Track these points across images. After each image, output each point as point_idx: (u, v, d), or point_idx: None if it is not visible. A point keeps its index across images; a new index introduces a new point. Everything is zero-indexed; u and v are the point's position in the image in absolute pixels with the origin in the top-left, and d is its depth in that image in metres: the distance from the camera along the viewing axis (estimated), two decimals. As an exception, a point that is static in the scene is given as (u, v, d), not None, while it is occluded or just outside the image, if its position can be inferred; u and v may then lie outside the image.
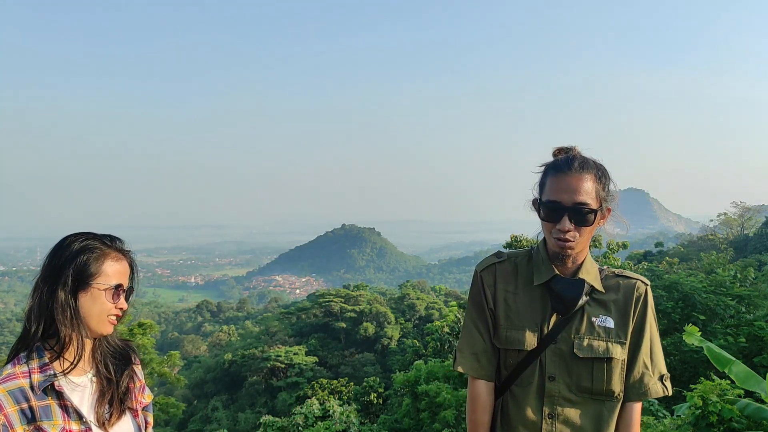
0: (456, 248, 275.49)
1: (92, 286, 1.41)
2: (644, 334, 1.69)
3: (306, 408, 14.48)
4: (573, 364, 1.64)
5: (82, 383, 1.45)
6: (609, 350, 1.64)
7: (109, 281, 1.44)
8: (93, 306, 1.42)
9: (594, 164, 1.63)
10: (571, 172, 1.59)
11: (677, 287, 12.26)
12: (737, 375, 3.88)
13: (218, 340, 55.35)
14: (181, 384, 27.85)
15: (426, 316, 44.89)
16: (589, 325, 1.66)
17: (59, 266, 1.41)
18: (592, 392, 1.64)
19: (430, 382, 15.59)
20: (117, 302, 1.46)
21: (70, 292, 1.40)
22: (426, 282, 75.97)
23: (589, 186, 1.58)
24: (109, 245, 1.48)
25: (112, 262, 1.46)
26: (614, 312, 1.68)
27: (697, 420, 4.85)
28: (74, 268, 1.40)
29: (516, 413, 1.67)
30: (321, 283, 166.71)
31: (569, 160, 1.62)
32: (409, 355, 30.75)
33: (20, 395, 1.32)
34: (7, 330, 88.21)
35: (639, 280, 1.72)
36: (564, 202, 1.58)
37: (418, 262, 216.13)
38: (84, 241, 1.45)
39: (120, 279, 1.47)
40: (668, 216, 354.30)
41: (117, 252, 1.49)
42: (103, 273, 1.43)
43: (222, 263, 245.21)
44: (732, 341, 10.42)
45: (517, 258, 1.78)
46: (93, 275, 1.42)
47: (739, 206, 50.33)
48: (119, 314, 1.48)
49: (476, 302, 1.77)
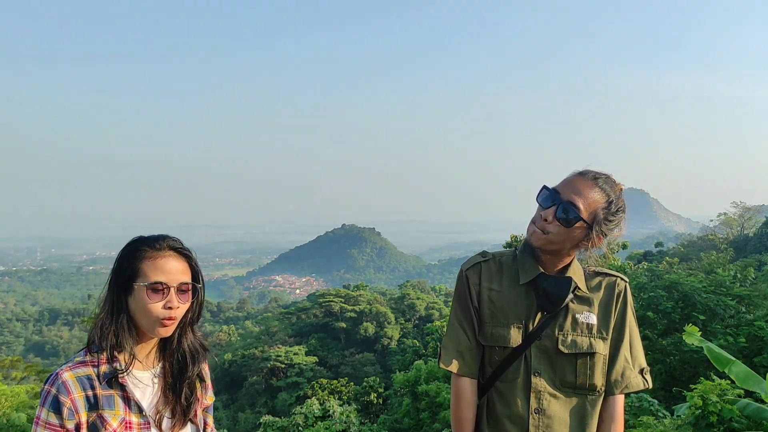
0: (456, 248, 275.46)
1: (134, 287, 1.42)
2: (625, 330, 1.74)
3: (306, 408, 14.48)
4: (557, 359, 1.68)
5: (144, 379, 1.48)
6: (592, 345, 1.69)
7: (146, 279, 1.41)
8: (137, 306, 1.42)
9: (614, 193, 1.67)
10: (584, 177, 1.65)
11: (677, 287, 12.25)
12: (737, 375, 3.88)
13: (218, 340, 55.35)
14: (181, 384, 27.88)
15: (426, 316, 44.91)
16: (573, 322, 1.70)
17: (113, 270, 1.46)
18: (576, 387, 1.69)
19: (430, 382, 15.60)
20: (158, 300, 1.41)
21: (119, 293, 1.43)
22: (426, 282, 76.04)
23: (590, 197, 1.62)
24: (151, 244, 1.46)
25: (151, 261, 1.43)
26: (597, 308, 1.73)
27: (697, 420, 4.85)
28: (120, 270, 1.43)
29: (502, 409, 1.70)
30: (321, 283, 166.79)
31: (591, 171, 1.67)
32: (409, 355, 30.75)
33: (87, 382, 1.37)
34: (7, 330, 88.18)
35: (618, 277, 1.78)
36: (561, 194, 1.62)
37: (418, 262, 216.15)
38: (132, 245, 1.46)
39: (160, 276, 1.42)
40: (668, 216, 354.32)
41: (159, 251, 1.45)
42: (141, 272, 1.42)
43: (222, 263, 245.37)
44: (732, 341, 10.43)
45: (502, 257, 1.82)
46: (133, 276, 1.42)
47: (739, 206, 50.31)
48: (172, 314, 1.43)
49: (461, 300, 1.80)
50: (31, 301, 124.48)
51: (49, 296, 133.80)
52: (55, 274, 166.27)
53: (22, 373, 24.88)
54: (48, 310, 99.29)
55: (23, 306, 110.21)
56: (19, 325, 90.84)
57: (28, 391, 17.58)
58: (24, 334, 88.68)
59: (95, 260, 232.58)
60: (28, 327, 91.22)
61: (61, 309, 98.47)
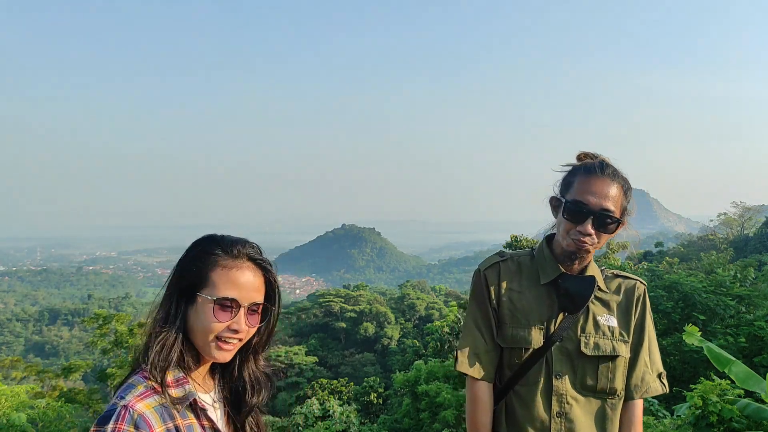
0: (456, 248, 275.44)
1: (198, 298, 1.18)
2: (644, 334, 1.73)
3: (306, 408, 14.48)
4: (579, 362, 1.66)
5: (209, 403, 1.25)
6: (615, 349, 1.67)
7: (214, 293, 1.17)
8: (196, 321, 1.18)
9: (624, 177, 1.66)
10: (603, 177, 1.61)
11: (677, 287, 12.26)
12: (737, 375, 3.88)
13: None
14: (181, 384, 27.86)
15: (426, 316, 44.91)
16: (595, 324, 1.68)
17: (177, 274, 1.21)
18: (596, 390, 1.66)
19: (430, 382, 15.59)
20: (224, 320, 1.17)
21: (181, 303, 1.19)
22: (426, 282, 75.97)
23: (615, 195, 1.61)
24: (228, 249, 1.21)
25: (224, 271, 1.19)
26: (617, 311, 1.71)
27: (697, 420, 4.85)
28: (186, 277, 1.19)
29: (523, 413, 1.67)
30: (321, 283, 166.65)
31: (602, 165, 1.64)
32: (409, 355, 30.74)
33: (165, 413, 1.12)
34: (6, 330, 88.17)
35: (638, 281, 1.76)
36: (591, 205, 1.58)
37: (418, 262, 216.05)
38: (202, 245, 1.23)
39: (233, 292, 1.18)
40: (668, 216, 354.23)
41: (236, 260, 1.21)
42: (210, 283, 1.17)
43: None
44: (732, 341, 10.43)
45: (519, 257, 1.78)
46: (199, 285, 1.18)
47: (739, 206, 50.30)
48: (236, 337, 1.19)
49: (479, 301, 1.75)
50: (31, 301, 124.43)
51: (49, 296, 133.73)
52: (55, 274, 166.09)
53: (22, 373, 24.91)
54: (48, 310, 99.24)
55: (23, 306, 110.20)
56: (19, 325, 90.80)
57: (28, 391, 17.59)
58: (24, 334, 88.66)
59: (95, 260, 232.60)
60: (28, 327, 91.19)
61: (61, 309, 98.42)
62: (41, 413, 14.81)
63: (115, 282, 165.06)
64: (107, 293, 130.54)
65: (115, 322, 24.48)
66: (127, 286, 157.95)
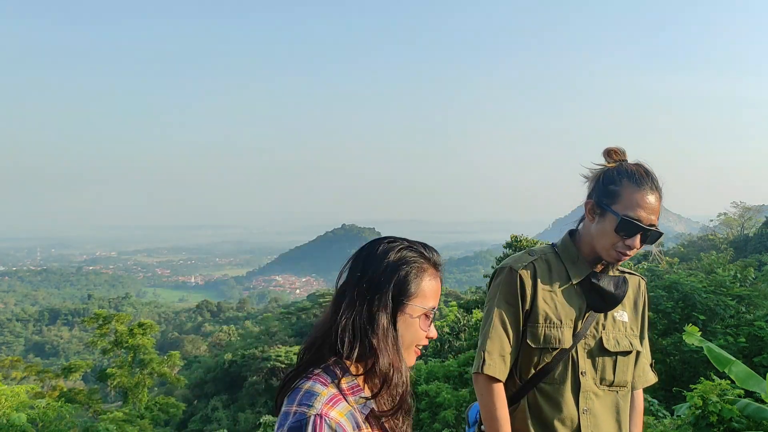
0: (456, 248, 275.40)
1: (407, 309, 1.15)
2: (645, 327, 1.82)
3: (306, 408, 14.48)
4: (599, 358, 1.70)
5: None
6: (633, 344, 1.73)
7: (426, 303, 1.17)
8: (406, 332, 1.16)
9: (660, 187, 1.66)
10: (653, 191, 1.61)
11: (677, 287, 12.26)
12: (737, 375, 3.88)
13: (218, 340, 55.36)
14: (181, 384, 27.95)
15: (426, 316, 44.91)
16: (612, 320, 1.72)
17: (377, 280, 1.14)
18: (613, 384, 1.71)
19: (430, 382, 15.59)
20: (426, 329, 1.18)
21: (391, 315, 1.14)
22: (426, 282, 75.86)
23: (659, 208, 1.62)
24: (427, 257, 1.20)
25: (431, 280, 1.18)
26: (627, 307, 1.77)
27: (697, 420, 4.85)
28: (394, 285, 1.14)
29: (551, 411, 1.66)
30: (321, 283, 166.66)
31: (651, 176, 1.63)
32: (409, 355, 30.72)
33: (353, 420, 1.07)
34: (7, 330, 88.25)
35: (640, 277, 1.85)
36: (643, 221, 1.58)
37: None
38: (400, 250, 1.19)
39: (436, 301, 1.20)
40: (668, 216, 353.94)
41: (437, 269, 1.22)
42: (421, 293, 1.16)
43: (222, 263, 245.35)
44: (732, 341, 10.43)
45: (546, 255, 1.76)
46: (411, 295, 1.15)
47: (739, 206, 50.30)
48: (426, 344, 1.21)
49: (510, 302, 1.70)
50: (31, 301, 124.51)
51: (49, 296, 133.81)
52: (55, 274, 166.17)
53: (22, 373, 24.93)
54: (48, 310, 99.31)
55: (23, 306, 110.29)
56: (19, 325, 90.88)
57: (28, 391, 17.60)
58: (24, 334, 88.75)
59: (95, 260, 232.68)
60: (28, 327, 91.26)
61: (61, 309, 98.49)
62: (41, 413, 14.82)
63: (115, 282, 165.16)
64: (107, 293, 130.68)
65: (115, 322, 24.51)
66: (127, 286, 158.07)
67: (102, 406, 23.19)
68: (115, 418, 18.51)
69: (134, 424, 18.92)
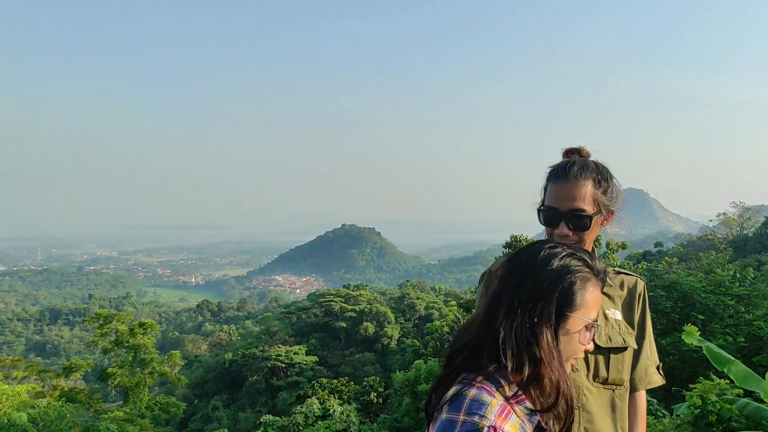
0: (456, 248, 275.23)
1: (569, 321, 1.09)
2: (646, 328, 1.82)
3: (306, 407, 14.51)
4: (592, 354, 1.72)
5: None
6: (625, 341, 1.74)
7: (589, 315, 1.11)
8: (566, 345, 1.11)
9: (595, 168, 1.67)
10: (568, 180, 1.64)
11: (676, 287, 12.27)
12: (736, 374, 3.89)
13: (219, 340, 55.35)
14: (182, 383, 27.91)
15: (426, 315, 44.88)
16: (604, 318, 1.74)
17: (539, 289, 1.08)
18: (607, 381, 1.73)
19: (429, 381, 15.59)
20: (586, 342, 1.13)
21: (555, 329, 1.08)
22: (426, 282, 75.96)
23: (586, 192, 1.63)
24: (591, 266, 1.14)
25: (594, 290, 1.12)
26: (621, 306, 1.79)
27: (697, 419, 4.86)
28: (558, 295, 1.08)
29: None
30: (321, 282, 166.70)
31: (567, 167, 1.66)
32: (409, 354, 30.78)
33: None
34: (8, 330, 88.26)
35: (638, 277, 1.85)
36: (561, 208, 1.63)
37: (418, 262, 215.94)
38: (564, 257, 1.12)
39: (596, 314, 1.14)
40: (668, 216, 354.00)
41: (599, 280, 1.15)
42: (585, 304, 1.10)
43: (222, 263, 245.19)
44: (731, 341, 10.43)
45: None
46: (575, 306, 1.09)
47: (738, 206, 50.27)
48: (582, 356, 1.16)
49: None
50: (32, 300, 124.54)
51: (50, 296, 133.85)
52: (55, 274, 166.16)
53: (23, 372, 24.91)
54: (49, 309, 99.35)
55: (24, 306, 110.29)
56: (20, 324, 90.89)
57: (29, 391, 17.60)
58: (25, 333, 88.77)
59: (96, 260, 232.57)
60: (29, 327, 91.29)
61: (62, 309, 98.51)
62: (42, 413, 14.83)
63: (115, 282, 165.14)
64: (108, 293, 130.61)
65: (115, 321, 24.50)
66: (128, 286, 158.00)
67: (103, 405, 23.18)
68: (116, 417, 18.53)
69: (135, 424, 18.93)
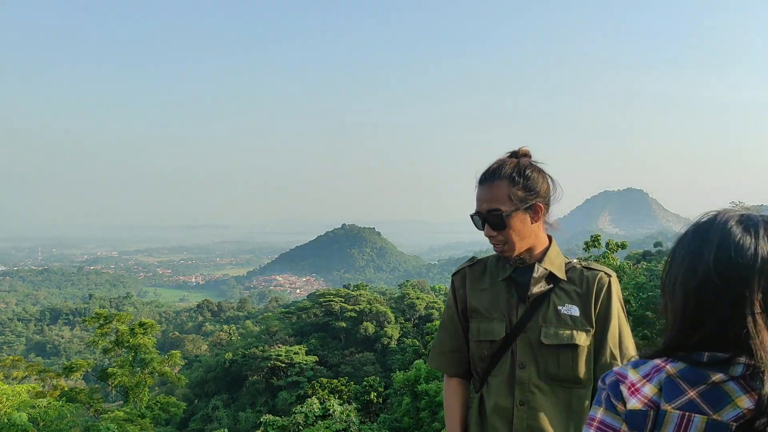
0: (456, 248, 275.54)
1: None
2: (609, 323, 1.74)
3: (306, 407, 14.54)
4: (540, 351, 1.72)
5: None
6: (573, 337, 1.70)
7: None
8: None
9: (512, 167, 1.77)
10: (483, 184, 1.79)
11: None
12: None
13: (219, 340, 55.39)
14: (182, 383, 27.92)
15: (426, 315, 44.91)
16: (555, 314, 1.73)
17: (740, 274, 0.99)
18: (560, 379, 1.71)
19: (429, 381, 15.63)
20: None
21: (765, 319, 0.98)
22: (426, 282, 76.03)
23: (499, 192, 1.74)
24: None
25: None
26: (577, 301, 1.75)
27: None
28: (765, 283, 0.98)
29: (491, 403, 1.76)
30: (321, 282, 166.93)
31: (486, 171, 1.80)
32: (409, 354, 30.82)
33: None
34: (8, 330, 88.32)
35: (602, 272, 1.79)
36: (480, 210, 1.77)
37: (418, 262, 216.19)
38: None
39: None
40: (667, 216, 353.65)
41: None
42: None
43: (222, 263, 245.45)
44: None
45: (487, 260, 1.93)
46: None
47: (738, 206, 49.98)
48: None
49: (448, 305, 1.96)
50: (33, 300, 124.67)
51: (50, 296, 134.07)
52: (56, 274, 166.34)
53: (24, 372, 24.95)
54: (49, 309, 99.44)
55: (24, 306, 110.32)
56: (20, 324, 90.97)
57: (29, 391, 17.62)
58: (25, 333, 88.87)
59: (96, 260, 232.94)
60: (29, 326, 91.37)
61: (63, 309, 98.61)
62: (42, 412, 14.85)
63: (116, 282, 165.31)
64: (108, 293, 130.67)
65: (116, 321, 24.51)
66: (128, 285, 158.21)
67: (103, 405, 23.20)
68: (116, 417, 18.55)
69: (135, 424, 18.95)
